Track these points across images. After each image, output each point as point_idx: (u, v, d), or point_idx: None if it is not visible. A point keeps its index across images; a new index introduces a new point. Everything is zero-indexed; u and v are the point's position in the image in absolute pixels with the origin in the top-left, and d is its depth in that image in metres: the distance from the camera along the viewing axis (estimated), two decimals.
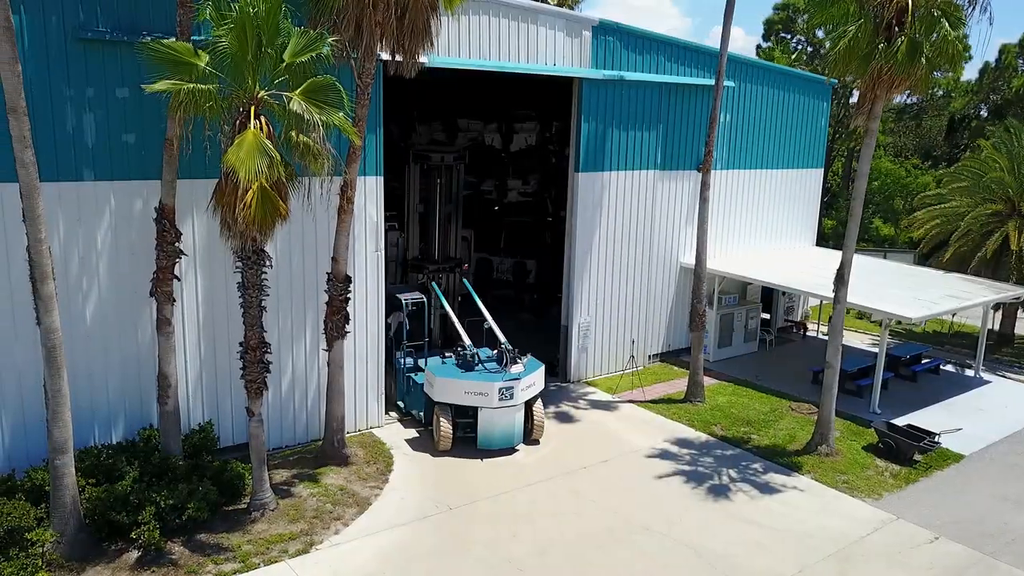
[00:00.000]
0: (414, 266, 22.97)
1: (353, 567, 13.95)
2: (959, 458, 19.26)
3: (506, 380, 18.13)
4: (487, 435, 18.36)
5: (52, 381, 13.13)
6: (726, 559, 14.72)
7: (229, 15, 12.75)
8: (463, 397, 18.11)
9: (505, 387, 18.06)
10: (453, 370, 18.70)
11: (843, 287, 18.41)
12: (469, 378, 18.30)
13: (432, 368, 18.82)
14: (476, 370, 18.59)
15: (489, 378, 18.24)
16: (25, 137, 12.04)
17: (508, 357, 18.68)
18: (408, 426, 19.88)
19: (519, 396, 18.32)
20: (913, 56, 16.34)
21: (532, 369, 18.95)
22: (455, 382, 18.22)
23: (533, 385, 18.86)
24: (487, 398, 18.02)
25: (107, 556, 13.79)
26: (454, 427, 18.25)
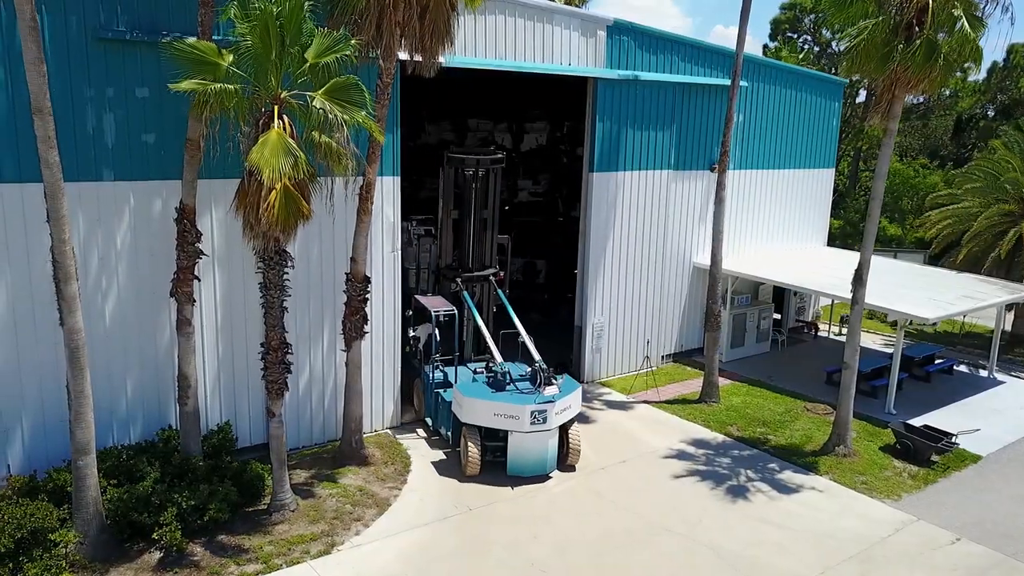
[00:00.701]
0: (446, 275, 21.45)
1: (375, 568, 13.92)
2: (977, 459, 19.22)
3: (539, 402, 16.79)
4: (518, 461, 17.10)
5: (75, 382, 13.10)
6: (747, 560, 14.69)
7: (254, 14, 12.70)
8: (492, 419, 16.85)
9: (538, 410, 16.70)
10: (483, 389, 17.54)
11: (862, 287, 18.36)
12: (499, 399, 17.01)
13: (461, 386, 17.76)
14: (507, 390, 17.37)
15: (521, 400, 16.92)
16: (50, 137, 12.01)
17: (542, 377, 17.39)
18: (436, 446, 18.69)
19: (553, 420, 16.97)
20: (931, 56, 16.32)
21: (568, 391, 17.60)
22: (484, 403, 16.98)
23: (569, 408, 17.47)
24: (518, 421, 16.70)
25: (129, 557, 13.77)
26: (483, 451, 17.06)
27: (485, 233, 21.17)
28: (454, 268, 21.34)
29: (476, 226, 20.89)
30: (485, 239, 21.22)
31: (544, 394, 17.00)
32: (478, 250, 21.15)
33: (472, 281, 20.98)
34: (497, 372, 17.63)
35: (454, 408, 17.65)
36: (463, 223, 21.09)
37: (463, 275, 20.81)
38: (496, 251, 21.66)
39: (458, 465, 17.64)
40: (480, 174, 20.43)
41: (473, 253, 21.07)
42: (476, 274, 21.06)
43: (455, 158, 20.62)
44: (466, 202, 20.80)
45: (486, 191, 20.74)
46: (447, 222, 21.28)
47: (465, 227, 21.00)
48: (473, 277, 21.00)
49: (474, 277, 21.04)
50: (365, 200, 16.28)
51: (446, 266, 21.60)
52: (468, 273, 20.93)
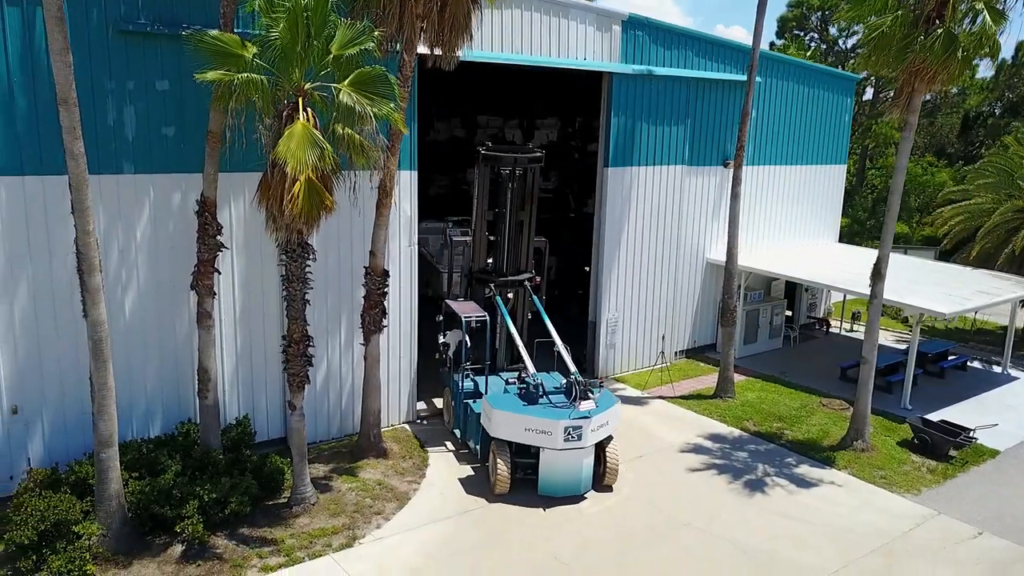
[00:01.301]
0: (480, 279, 20.05)
1: (398, 561, 13.90)
2: (994, 454, 19.18)
3: (573, 418, 15.69)
4: (549, 480, 16.06)
5: (98, 374, 13.06)
6: (769, 554, 14.65)
7: (281, 5, 12.67)
8: (523, 435, 15.83)
9: (572, 426, 15.61)
10: (514, 402, 16.38)
11: (880, 281, 18.33)
12: (531, 413, 15.91)
13: (491, 398, 16.68)
14: (540, 403, 16.24)
15: (554, 415, 15.80)
16: (75, 128, 11.97)
17: (578, 390, 16.23)
18: (464, 460, 17.73)
19: (588, 437, 15.87)
20: (948, 48, 16.29)
21: (605, 406, 16.47)
22: (515, 416, 15.88)
23: (606, 424, 16.39)
24: (550, 438, 15.66)
25: (151, 550, 13.74)
26: (513, 468, 16.04)
27: (521, 235, 19.87)
28: (488, 272, 20.07)
29: (512, 228, 19.62)
30: (521, 242, 19.91)
31: (579, 409, 15.88)
32: (513, 253, 19.86)
33: (506, 286, 19.71)
34: (529, 384, 16.54)
35: (483, 421, 16.70)
36: (498, 225, 19.90)
37: (497, 279, 19.60)
38: (532, 255, 20.39)
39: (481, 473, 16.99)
40: (517, 173, 19.16)
41: (508, 256, 19.80)
42: (511, 279, 19.76)
43: (491, 156, 19.20)
44: (501, 203, 19.56)
45: (523, 191, 19.49)
46: (481, 224, 20.03)
47: (500, 229, 19.75)
48: (507, 282, 19.72)
49: (508, 282, 19.74)
50: (384, 193, 16.25)
51: (479, 270, 20.25)
52: (502, 277, 19.68)
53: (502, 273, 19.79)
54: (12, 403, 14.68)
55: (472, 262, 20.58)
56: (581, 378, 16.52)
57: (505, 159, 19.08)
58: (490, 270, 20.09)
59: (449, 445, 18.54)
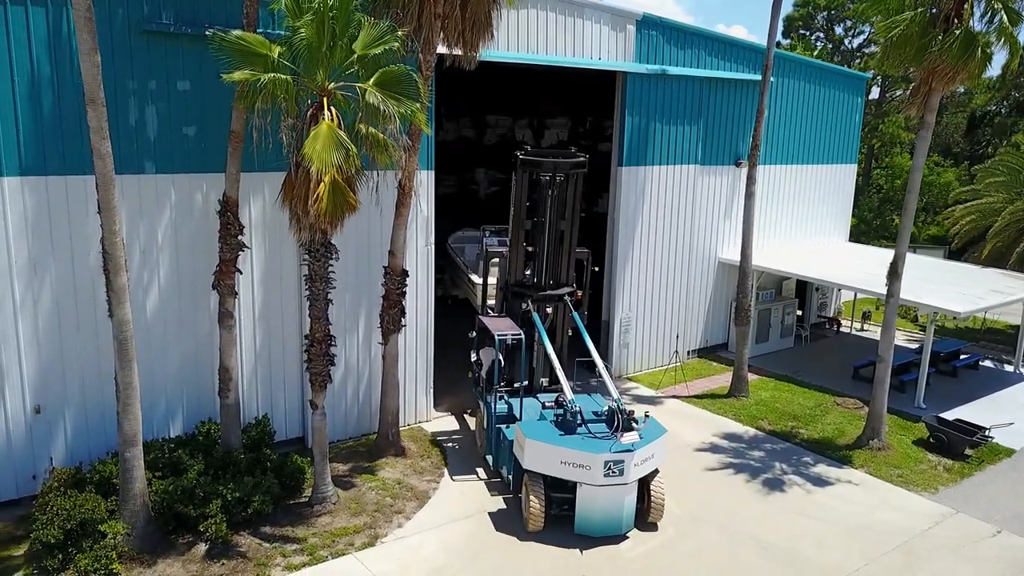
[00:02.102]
0: (516, 293, 18.50)
1: (421, 559, 13.94)
2: (1010, 452, 19.22)
3: (615, 451, 14.22)
4: (587, 519, 14.58)
5: (123, 374, 13.09)
6: (791, 553, 14.69)
7: (307, 5, 12.71)
8: (559, 468, 14.40)
9: (613, 460, 14.15)
10: (549, 431, 15.01)
11: (897, 280, 18.37)
12: (567, 444, 14.43)
13: (524, 426, 15.31)
14: (578, 433, 14.80)
15: (593, 447, 14.32)
16: (103, 128, 12.01)
17: (620, 419, 14.79)
18: (495, 490, 16.40)
19: (631, 473, 14.35)
20: (967, 48, 16.34)
21: (651, 437, 14.96)
22: (549, 447, 14.44)
23: (651, 458, 14.89)
24: (589, 472, 14.20)
25: (176, 549, 13.78)
26: (547, 503, 14.63)
27: (561, 246, 18.35)
28: (525, 285, 18.59)
29: (552, 239, 18.14)
30: (562, 253, 18.39)
31: (621, 442, 14.39)
32: (553, 266, 18.40)
33: (545, 301, 18.32)
34: (567, 410, 15.12)
35: (515, 450, 15.33)
36: (537, 235, 18.38)
37: (535, 294, 18.19)
38: (573, 267, 18.80)
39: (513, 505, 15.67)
40: (558, 180, 17.76)
41: (547, 269, 18.36)
42: (549, 293, 18.31)
43: (529, 161, 17.84)
44: (540, 211, 18.15)
45: (564, 199, 18.00)
46: (518, 234, 18.47)
47: (539, 240, 18.27)
48: (546, 296, 18.28)
49: (547, 296, 18.30)
50: (405, 193, 16.29)
51: (516, 283, 18.65)
52: (541, 292, 18.25)
53: (540, 287, 18.40)
54: (35, 403, 14.71)
55: (509, 275, 18.97)
56: (624, 406, 15.11)
57: (545, 164, 17.75)
58: (528, 283, 18.71)
59: (480, 472, 17.26)
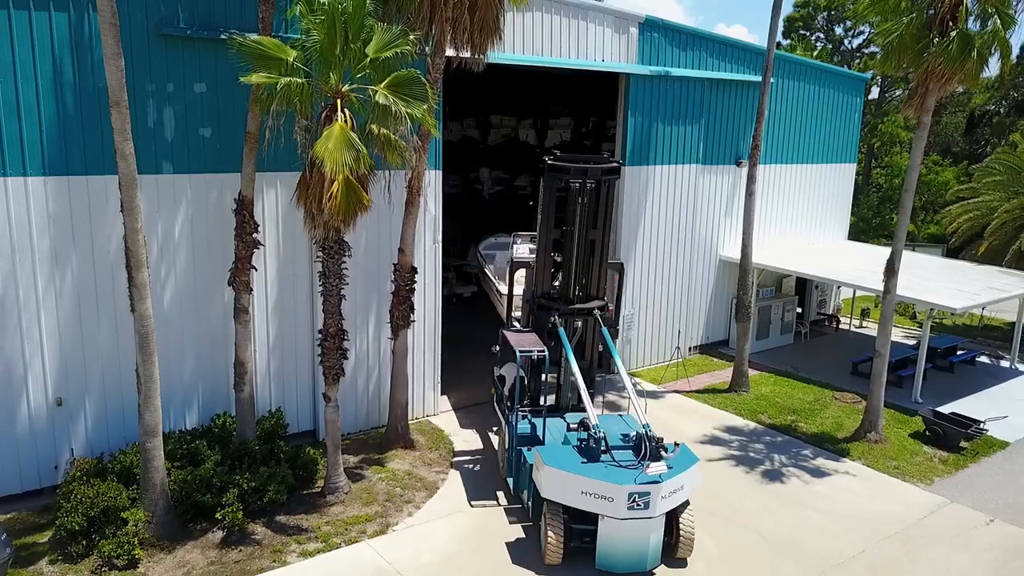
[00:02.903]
0: (543, 305, 17.45)
1: (432, 547, 14.39)
2: (1004, 445, 19.66)
3: (640, 483, 13.04)
4: (609, 554, 13.47)
5: (144, 367, 13.55)
6: (791, 541, 15.12)
7: (321, 10, 13.16)
8: (579, 498, 13.33)
9: (638, 492, 12.99)
10: (571, 457, 13.86)
11: (894, 277, 18.81)
12: (589, 473, 13.32)
13: (544, 451, 14.25)
14: (602, 461, 13.66)
15: (616, 478, 13.18)
16: (126, 130, 12.47)
17: (648, 447, 13.71)
18: (515, 516, 15.43)
19: (658, 506, 13.19)
20: (963, 51, 16.77)
21: (681, 468, 13.78)
22: (570, 476, 13.35)
23: (681, 489, 13.74)
24: (612, 505, 13.08)
25: (193, 536, 14.24)
26: (567, 534, 13.63)
27: (592, 257, 17.36)
28: (553, 298, 17.58)
29: (582, 249, 17.12)
30: (592, 264, 17.39)
31: (648, 473, 13.19)
32: (583, 278, 17.41)
33: (573, 315, 17.35)
34: (591, 436, 14.00)
35: (534, 476, 14.39)
36: (566, 245, 17.29)
37: (562, 307, 17.23)
38: (605, 279, 17.80)
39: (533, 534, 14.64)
40: (589, 186, 16.78)
41: (577, 281, 17.35)
42: (578, 307, 17.29)
43: (557, 166, 16.76)
44: (570, 220, 17.02)
45: (595, 207, 17.00)
46: (546, 243, 17.42)
47: (568, 250, 17.20)
48: (574, 310, 17.30)
49: (575, 310, 17.31)
50: (413, 192, 16.73)
51: (543, 295, 17.66)
52: (569, 305, 17.28)
53: (569, 300, 17.38)
54: (57, 395, 15.17)
55: (536, 286, 17.98)
56: (652, 432, 13.98)
57: (574, 170, 16.70)
58: (555, 296, 17.68)
59: (501, 497, 16.24)
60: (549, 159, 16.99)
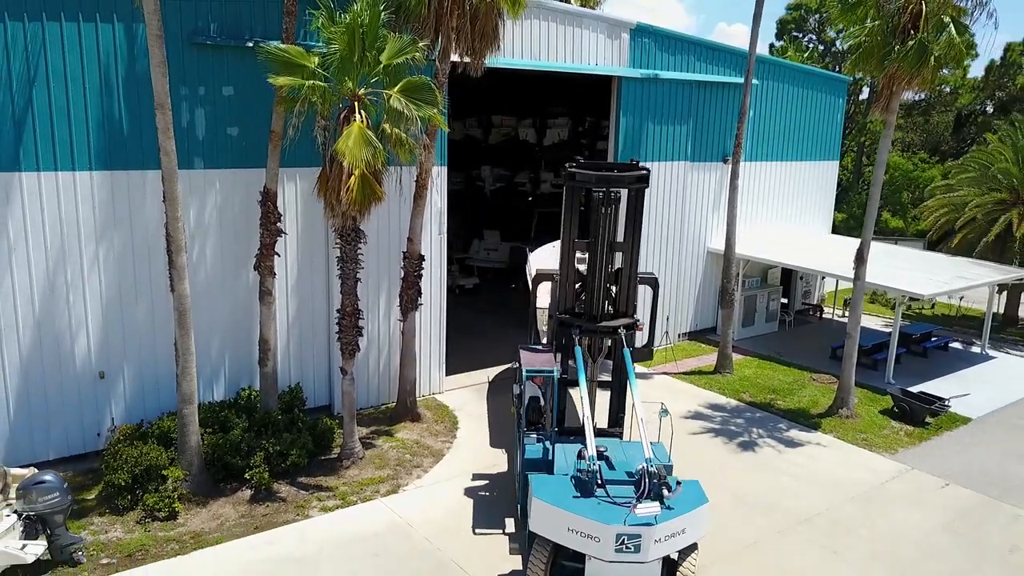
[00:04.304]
0: (564, 322, 16.18)
1: (440, 504, 16.01)
2: (967, 421, 21.26)
3: (630, 524, 11.74)
4: None
5: (182, 340, 15.18)
6: (764, 501, 16.71)
7: (341, 22, 14.79)
8: (566, 535, 12.10)
9: (627, 534, 11.72)
10: (564, 489, 12.62)
11: (863, 265, 20.40)
12: (577, 510, 12.08)
13: (537, 481, 13.01)
14: (596, 496, 12.41)
15: (604, 516, 11.93)
16: (168, 129, 14.10)
17: (648, 484, 12.31)
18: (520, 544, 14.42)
19: (650, 550, 11.83)
20: (922, 56, 18.35)
21: (684, 509, 12.33)
22: (556, 511, 12.19)
23: (681, 534, 12.26)
24: (598, 545, 11.82)
25: (224, 494, 15.87)
26: (555, 571, 12.64)
27: (620, 271, 16.15)
28: (577, 314, 16.26)
29: (606, 262, 15.77)
30: (621, 279, 16.11)
31: (637, 514, 11.75)
32: (608, 293, 16.10)
33: (596, 333, 16.00)
34: (587, 468, 12.72)
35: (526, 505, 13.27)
36: (590, 258, 16.00)
37: (584, 324, 15.91)
38: (635, 295, 16.42)
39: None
40: (614, 196, 15.59)
41: (601, 297, 15.94)
42: (601, 324, 15.86)
43: (581, 175, 15.58)
44: (593, 231, 15.70)
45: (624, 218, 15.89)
46: (569, 255, 16.21)
47: (592, 263, 15.83)
48: (596, 328, 15.90)
49: (597, 328, 15.89)
50: (422, 186, 18.35)
51: (566, 310, 16.38)
52: (591, 323, 15.91)
53: (591, 317, 16.02)
54: (99, 368, 16.78)
55: (559, 300, 16.85)
56: (656, 468, 12.50)
57: (597, 179, 15.56)
58: (578, 312, 16.39)
59: (509, 524, 15.26)
60: (571, 166, 15.87)
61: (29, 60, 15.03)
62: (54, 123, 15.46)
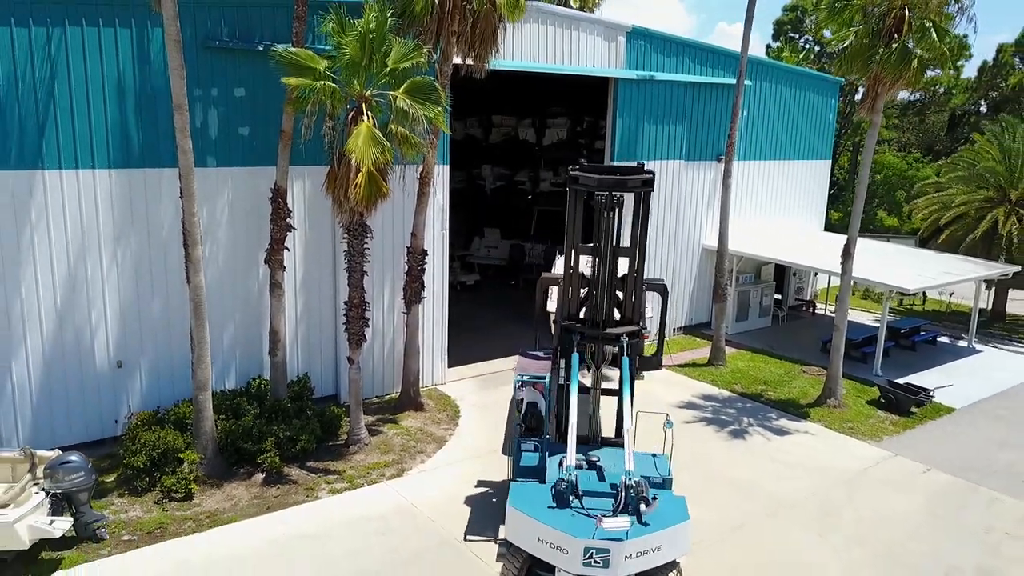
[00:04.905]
0: (566, 328, 15.49)
1: (442, 486, 16.79)
2: (951, 411, 22.03)
3: (599, 538, 11.32)
4: None
5: (198, 330, 15.95)
6: (753, 485, 17.46)
7: (352, 28, 15.56)
8: (536, 546, 11.77)
9: (595, 548, 11.31)
10: (541, 499, 12.29)
11: (849, 260, 21.18)
12: (549, 520, 11.75)
13: (516, 489, 12.74)
14: (571, 507, 12.04)
15: (574, 529, 11.52)
16: (185, 129, 14.86)
17: (623, 497, 11.97)
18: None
19: (619, 567, 11.39)
20: (904, 59, 19.12)
21: (661, 525, 11.77)
22: (528, 520, 11.91)
23: (657, 551, 11.66)
24: (567, 558, 11.45)
25: (238, 476, 16.64)
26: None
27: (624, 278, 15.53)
28: (580, 321, 15.59)
29: (609, 268, 15.12)
30: (627, 286, 15.51)
31: (606, 527, 11.30)
32: (611, 300, 15.38)
33: (597, 340, 15.26)
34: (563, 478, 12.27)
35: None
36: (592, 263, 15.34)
37: (586, 331, 15.26)
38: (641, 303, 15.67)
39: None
40: (617, 199, 14.94)
41: (603, 303, 15.24)
42: (603, 332, 15.10)
43: (583, 178, 14.86)
44: (596, 235, 15.04)
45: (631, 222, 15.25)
46: (572, 260, 15.59)
47: (594, 268, 15.24)
48: (597, 335, 15.19)
49: (598, 335, 15.18)
50: (425, 183, 19.11)
51: (569, 316, 15.67)
52: (593, 330, 15.23)
53: (595, 323, 15.29)
54: (117, 358, 17.55)
55: (562, 306, 15.99)
56: (636, 481, 12.05)
57: (599, 182, 14.91)
58: (582, 319, 15.71)
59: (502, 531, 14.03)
60: (574, 169, 15.23)
61: (52, 63, 15.81)
62: (75, 123, 16.23)
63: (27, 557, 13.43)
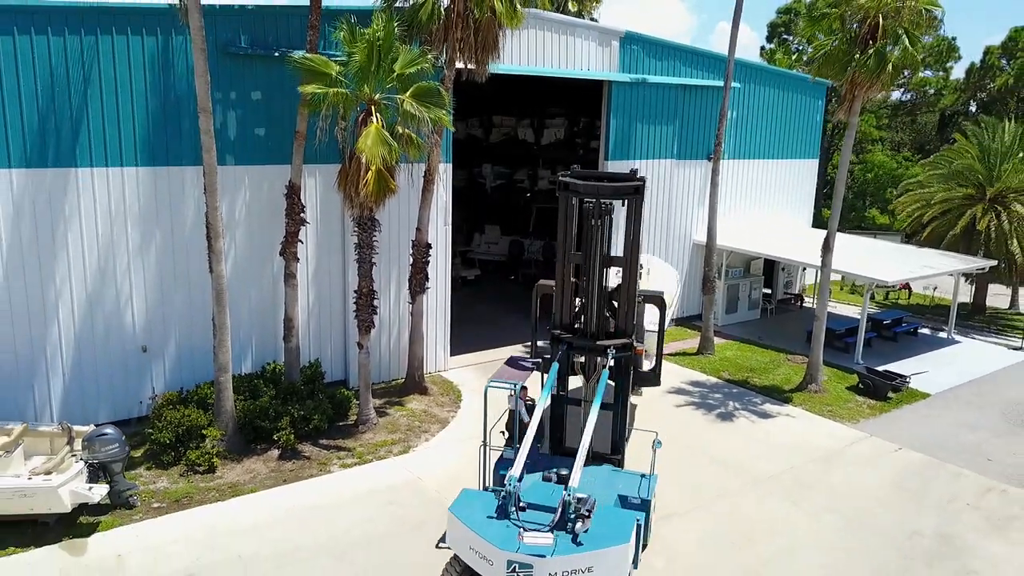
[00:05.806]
0: (556, 337, 15.27)
1: (446, 461, 18.07)
2: (926, 396, 23.31)
3: (524, 552, 10.99)
4: None
5: (219, 316, 17.23)
6: (735, 462, 18.70)
7: (362, 36, 16.83)
8: (469, 554, 11.64)
9: (518, 562, 10.98)
10: (484, 508, 12.06)
11: (829, 253, 22.44)
12: (480, 530, 11.54)
13: (464, 497, 12.56)
14: (509, 520, 11.77)
15: (502, 541, 11.22)
16: (210, 129, 16.13)
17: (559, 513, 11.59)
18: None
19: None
20: (879, 64, 20.37)
21: (593, 546, 11.18)
22: (463, 529, 11.73)
23: (586, 572, 11.10)
24: (491, 569, 11.24)
25: (256, 453, 17.92)
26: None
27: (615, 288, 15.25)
28: (571, 330, 15.35)
29: (598, 276, 14.85)
30: (620, 295, 15.16)
31: (524, 542, 11.06)
32: (603, 310, 15.04)
33: (585, 350, 15.11)
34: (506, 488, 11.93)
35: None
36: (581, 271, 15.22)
37: (575, 341, 15.02)
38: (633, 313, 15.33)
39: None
40: (606, 206, 14.70)
41: (594, 313, 14.91)
42: (591, 343, 14.89)
43: (572, 185, 14.64)
44: (584, 244, 14.89)
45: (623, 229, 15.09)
46: (563, 268, 15.39)
47: (583, 277, 15.08)
48: (584, 346, 14.97)
49: (586, 346, 14.96)
50: (429, 181, 20.38)
51: (558, 325, 15.44)
52: (581, 340, 14.98)
53: (585, 333, 15.11)
54: (143, 343, 18.84)
55: (553, 314, 15.70)
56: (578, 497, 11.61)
57: (585, 188, 14.67)
58: (571, 328, 15.47)
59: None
60: (564, 175, 15.05)
61: (85, 68, 17.08)
62: (105, 125, 17.51)
63: (67, 520, 14.72)
